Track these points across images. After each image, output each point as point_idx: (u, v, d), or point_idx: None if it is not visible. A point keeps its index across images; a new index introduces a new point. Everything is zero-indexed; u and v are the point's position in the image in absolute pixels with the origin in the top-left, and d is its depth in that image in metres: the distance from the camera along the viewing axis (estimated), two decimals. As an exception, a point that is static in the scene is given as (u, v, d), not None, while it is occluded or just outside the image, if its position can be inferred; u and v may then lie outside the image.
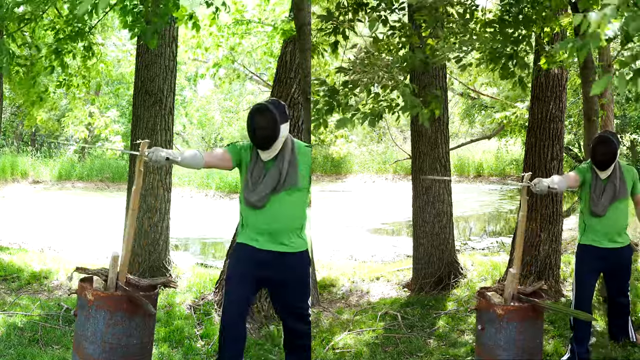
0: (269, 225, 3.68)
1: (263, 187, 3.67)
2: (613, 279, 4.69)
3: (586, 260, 4.59)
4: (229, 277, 3.79)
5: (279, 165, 3.70)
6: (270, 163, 3.72)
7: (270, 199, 3.66)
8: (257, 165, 3.73)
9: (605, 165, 4.40)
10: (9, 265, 7.32)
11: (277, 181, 3.67)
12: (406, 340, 5.29)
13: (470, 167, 23.29)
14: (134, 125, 7.02)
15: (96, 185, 21.01)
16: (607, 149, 4.35)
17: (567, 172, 4.74)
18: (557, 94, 6.51)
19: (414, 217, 7.21)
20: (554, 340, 5.16)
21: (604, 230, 4.49)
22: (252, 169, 3.73)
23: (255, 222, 3.71)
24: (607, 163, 4.38)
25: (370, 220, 14.49)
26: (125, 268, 3.68)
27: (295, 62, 5.84)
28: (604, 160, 4.37)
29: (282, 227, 3.69)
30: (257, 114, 3.66)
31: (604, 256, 4.52)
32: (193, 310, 5.81)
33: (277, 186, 3.67)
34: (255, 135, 3.67)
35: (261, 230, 3.69)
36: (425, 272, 7.01)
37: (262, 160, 3.73)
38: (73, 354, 3.62)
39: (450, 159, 7.29)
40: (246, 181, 3.74)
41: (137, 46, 7.19)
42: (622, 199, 4.46)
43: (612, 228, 4.49)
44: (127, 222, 3.63)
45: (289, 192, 3.70)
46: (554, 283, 6.44)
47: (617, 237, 4.52)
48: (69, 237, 11.18)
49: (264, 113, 3.65)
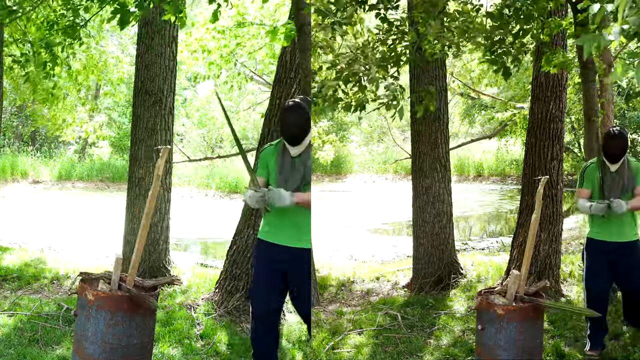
0: (292, 220, 3.85)
1: (292, 183, 3.81)
2: (625, 275, 4.70)
3: (594, 254, 4.70)
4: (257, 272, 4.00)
5: (305, 161, 3.84)
6: (298, 158, 3.85)
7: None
8: (286, 160, 3.86)
9: (616, 158, 4.56)
10: (8, 265, 7.32)
11: (303, 176, 3.81)
12: (406, 340, 5.28)
13: (470, 167, 23.28)
14: (134, 125, 7.02)
15: (96, 185, 21.01)
16: (618, 143, 4.54)
17: (580, 190, 4.79)
18: (557, 94, 6.51)
19: (414, 217, 7.21)
20: (554, 340, 5.16)
21: (612, 223, 4.60)
22: (281, 165, 3.86)
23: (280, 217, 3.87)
24: (618, 156, 4.56)
25: (370, 220, 14.49)
26: (135, 270, 3.68)
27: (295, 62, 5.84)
28: (615, 154, 4.55)
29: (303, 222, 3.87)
30: (291, 112, 3.79)
31: (611, 250, 4.62)
32: (193, 310, 5.81)
33: (302, 181, 3.82)
34: (290, 132, 3.80)
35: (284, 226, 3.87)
36: (425, 272, 7.01)
37: (291, 156, 3.86)
38: (73, 354, 3.62)
39: (450, 159, 7.29)
40: (275, 178, 3.86)
41: (137, 46, 7.19)
42: (629, 192, 4.58)
43: (620, 220, 4.60)
44: (141, 224, 3.64)
45: (306, 187, 3.84)
46: (554, 283, 6.44)
47: (625, 231, 4.62)
48: (69, 237, 11.18)
49: (298, 111, 3.78)
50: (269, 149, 3.98)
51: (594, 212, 4.58)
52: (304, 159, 3.85)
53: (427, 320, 5.83)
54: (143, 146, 6.87)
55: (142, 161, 6.87)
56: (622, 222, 4.61)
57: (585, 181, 4.74)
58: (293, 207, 3.78)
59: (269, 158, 3.93)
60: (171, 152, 8.58)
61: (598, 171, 4.65)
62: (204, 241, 11.92)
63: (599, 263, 4.69)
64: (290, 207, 3.77)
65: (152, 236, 6.84)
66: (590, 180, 4.70)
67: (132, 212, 6.88)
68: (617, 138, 4.53)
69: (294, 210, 3.81)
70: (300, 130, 3.78)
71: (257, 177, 3.91)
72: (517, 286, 4.00)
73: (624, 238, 4.63)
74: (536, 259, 6.39)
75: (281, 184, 3.81)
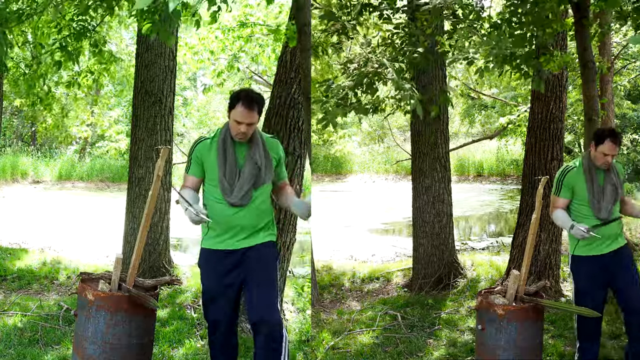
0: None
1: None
2: (623, 287, 4.06)
3: (587, 275, 4.07)
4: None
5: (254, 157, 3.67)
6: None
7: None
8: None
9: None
10: (9, 265, 7.32)
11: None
12: (406, 340, 5.28)
13: (471, 167, 23.28)
14: (134, 125, 7.02)
15: (96, 185, 21.00)
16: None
17: (556, 198, 4.13)
18: (557, 94, 6.52)
19: (414, 217, 7.21)
20: (554, 340, 5.16)
21: (606, 235, 4.02)
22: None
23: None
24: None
25: (370, 220, 14.48)
26: (135, 270, 3.67)
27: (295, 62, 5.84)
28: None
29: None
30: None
31: (606, 264, 4.03)
32: (193, 310, 5.81)
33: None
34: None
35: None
36: (425, 272, 7.01)
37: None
38: (73, 354, 3.62)
39: (450, 159, 7.29)
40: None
41: (137, 46, 7.19)
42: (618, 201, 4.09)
43: (614, 230, 4.06)
44: (141, 224, 3.64)
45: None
46: (554, 283, 6.44)
47: (616, 239, 4.08)
48: (69, 237, 11.17)
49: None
50: (206, 142, 3.73)
51: (576, 235, 3.95)
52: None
53: (427, 320, 5.83)
54: (143, 146, 6.87)
55: (142, 161, 6.87)
56: (616, 226, 4.06)
57: (563, 188, 4.10)
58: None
59: (206, 153, 3.73)
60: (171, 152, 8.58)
61: (583, 177, 4.04)
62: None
63: (590, 284, 4.06)
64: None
65: (152, 236, 6.83)
66: (571, 189, 4.07)
67: (132, 212, 6.87)
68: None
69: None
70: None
71: (188, 175, 3.75)
72: (517, 286, 4.00)
73: (618, 243, 4.07)
74: (536, 259, 6.39)
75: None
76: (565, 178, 4.10)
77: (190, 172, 3.71)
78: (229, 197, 3.59)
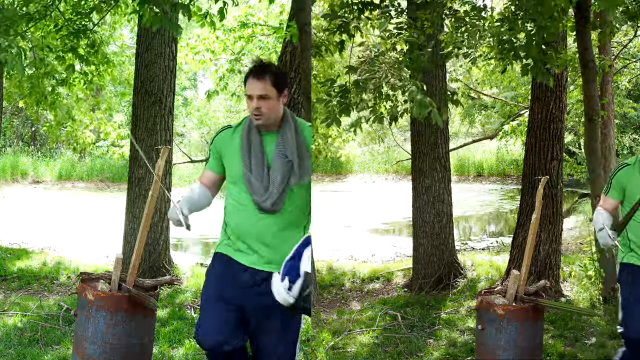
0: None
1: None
2: None
3: (634, 281, 3.47)
4: None
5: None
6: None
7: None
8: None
9: None
10: (9, 266, 7.32)
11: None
12: (406, 340, 5.28)
13: (471, 167, 23.29)
14: (134, 125, 7.02)
15: (96, 185, 21.01)
16: None
17: (604, 197, 3.61)
18: (557, 94, 6.51)
19: (414, 217, 7.21)
20: (554, 340, 5.16)
21: None
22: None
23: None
24: None
25: (370, 220, 14.49)
26: (135, 270, 3.67)
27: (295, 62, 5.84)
28: None
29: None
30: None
31: None
32: (193, 311, 5.81)
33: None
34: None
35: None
36: (425, 272, 7.01)
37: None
38: (73, 354, 3.62)
39: (450, 159, 7.29)
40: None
41: (137, 46, 7.19)
42: None
43: None
44: (141, 225, 3.63)
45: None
46: (554, 283, 6.44)
47: None
48: (69, 237, 11.18)
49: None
50: (225, 134, 3.18)
51: (599, 240, 3.46)
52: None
53: (427, 320, 5.83)
54: (143, 146, 6.87)
55: (142, 161, 6.87)
56: None
57: (612, 187, 3.56)
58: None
59: (225, 145, 3.17)
60: (171, 152, 8.58)
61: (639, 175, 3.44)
62: (204, 241, 11.91)
63: None
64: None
65: (152, 236, 6.84)
66: (622, 189, 3.52)
67: (132, 212, 6.88)
68: None
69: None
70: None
71: (208, 170, 3.26)
72: (517, 286, 4.00)
73: None
74: (536, 259, 6.39)
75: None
76: (616, 176, 3.53)
77: (207, 166, 3.18)
78: (258, 198, 2.91)
